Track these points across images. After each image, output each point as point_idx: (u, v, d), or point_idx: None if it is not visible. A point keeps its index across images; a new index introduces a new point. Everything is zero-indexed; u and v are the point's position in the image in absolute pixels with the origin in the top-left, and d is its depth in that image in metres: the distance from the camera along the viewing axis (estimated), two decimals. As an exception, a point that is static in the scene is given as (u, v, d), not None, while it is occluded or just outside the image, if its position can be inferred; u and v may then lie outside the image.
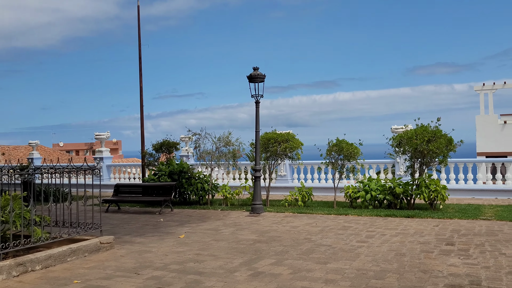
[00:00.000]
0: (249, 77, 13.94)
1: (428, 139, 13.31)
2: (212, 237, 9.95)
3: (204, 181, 16.63)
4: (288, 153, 15.51)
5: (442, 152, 13.31)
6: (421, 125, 13.80)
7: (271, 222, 12.04)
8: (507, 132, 31.16)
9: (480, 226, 10.63)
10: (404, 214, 12.39)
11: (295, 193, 15.20)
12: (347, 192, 14.53)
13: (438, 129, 13.61)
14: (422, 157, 13.64)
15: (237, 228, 11.10)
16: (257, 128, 14.15)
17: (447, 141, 13.46)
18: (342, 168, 14.91)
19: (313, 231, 10.53)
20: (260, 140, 15.54)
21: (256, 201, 13.83)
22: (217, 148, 16.63)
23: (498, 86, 31.59)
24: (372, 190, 14.06)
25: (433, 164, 13.86)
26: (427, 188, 13.36)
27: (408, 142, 13.54)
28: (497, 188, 15.71)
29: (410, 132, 13.65)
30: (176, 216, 13.69)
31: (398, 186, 13.80)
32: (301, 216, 12.90)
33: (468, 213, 12.42)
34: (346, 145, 14.56)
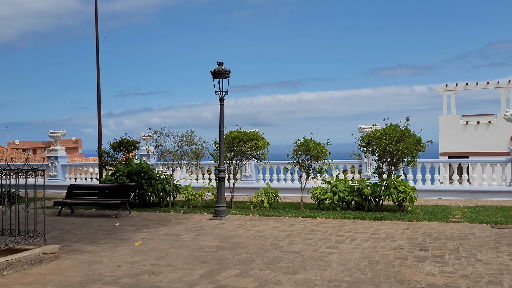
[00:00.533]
0: (213, 72, 13.20)
1: (397, 139, 12.96)
2: (171, 244, 9.17)
3: (165, 182, 15.78)
4: (254, 152, 14.87)
5: (411, 153, 12.98)
6: (390, 124, 13.45)
7: (235, 226, 11.36)
8: (468, 133, 31.63)
9: (451, 229, 10.30)
10: (373, 217, 11.97)
11: (260, 195, 14.58)
12: (314, 194, 14.02)
13: (407, 128, 13.28)
14: (391, 157, 13.28)
15: (199, 233, 10.36)
16: (221, 126, 13.44)
17: (416, 141, 13.15)
18: (310, 168, 14.40)
19: (280, 235, 9.92)
20: (225, 139, 14.85)
21: (220, 203, 13.11)
22: (179, 147, 15.82)
23: (461, 87, 32.03)
24: (340, 191, 13.60)
25: (402, 164, 13.54)
26: (396, 189, 13.01)
27: (377, 142, 13.16)
28: (463, 189, 15.59)
29: (379, 132, 13.26)
30: (134, 219, 12.81)
31: (366, 187, 13.39)
32: (267, 219, 12.28)
33: (437, 215, 12.13)
34: (314, 144, 14.06)
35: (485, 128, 31.25)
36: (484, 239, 9.15)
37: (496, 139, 30.70)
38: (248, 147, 14.54)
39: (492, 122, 31.10)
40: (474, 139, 31.31)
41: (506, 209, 13.04)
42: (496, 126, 30.91)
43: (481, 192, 15.37)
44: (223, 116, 13.43)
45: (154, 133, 15.94)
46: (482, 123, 31.33)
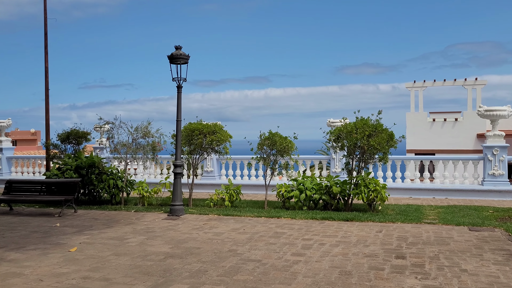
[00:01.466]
0: (170, 57, 11.92)
1: (369, 134, 12.06)
2: (113, 250, 7.92)
3: (117, 177, 14.40)
4: (215, 146, 13.69)
5: (383, 148, 12.11)
6: (361, 118, 12.54)
7: (191, 227, 10.18)
8: (435, 130, 31.40)
9: (427, 232, 9.45)
10: (342, 217, 11.03)
11: (221, 192, 13.43)
12: (279, 191, 12.98)
13: (379, 123, 12.40)
14: (361, 153, 12.38)
15: (148, 237, 9.12)
16: (178, 116, 12.18)
17: (389, 137, 12.29)
18: (275, 164, 13.35)
19: (240, 239, 8.81)
20: (183, 132, 13.62)
21: (176, 201, 11.89)
22: (134, 140, 14.49)
23: (428, 84, 31.75)
24: (307, 189, 12.62)
25: (373, 161, 12.66)
26: (366, 187, 12.12)
27: (347, 137, 12.22)
28: (434, 187, 14.90)
29: (349, 126, 12.33)
30: (78, 219, 11.43)
31: (335, 185, 12.46)
32: (227, 220, 11.15)
33: (410, 216, 11.30)
34: (280, 138, 13.01)
35: (452, 126, 31.09)
36: (465, 244, 8.31)
37: (462, 136, 30.59)
38: (209, 141, 13.35)
39: (458, 120, 30.96)
40: (441, 137, 31.11)
41: (480, 209, 12.37)
42: (462, 123, 30.79)
43: (453, 191, 14.72)
44: (180, 106, 12.19)
45: (106, 124, 14.54)
46: (449, 121, 31.16)
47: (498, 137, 14.54)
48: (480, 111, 14.71)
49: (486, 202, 13.81)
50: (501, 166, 14.41)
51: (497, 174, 14.39)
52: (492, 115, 14.47)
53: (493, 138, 14.59)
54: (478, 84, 30.73)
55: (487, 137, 14.76)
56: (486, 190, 14.39)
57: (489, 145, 14.52)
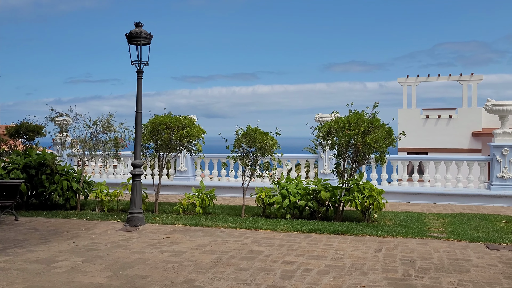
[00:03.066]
0: (128, 36, 9.95)
1: (364, 130, 10.24)
2: (27, 283, 5.96)
3: (73, 178, 12.41)
4: (185, 143, 11.77)
5: (380, 147, 10.29)
6: (355, 111, 10.71)
7: (147, 243, 8.26)
8: (428, 128, 29.79)
9: (437, 251, 7.66)
10: (332, 229, 9.20)
11: (191, 196, 11.53)
12: (259, 196, 11.11)
13: (376, 117, 10.58)
14: (355, 152, 10.56)
15: (86, 258, 7.19)
16: (138, 107, 10.22)
17: (387, 133, 10.49)
18: (254, 164, 11.49)
19: (203, 262, 6.93)
20: (148, 126, 11.69)
21: (134, 208, 9.96)
22: (93, 135, 12.51)
23: (422, 79, 30.10)
24: (291, 194, 10.76)
25: (368, 162, 10.86)
26: (360, 193, 10.31)
27: (338, 133, 10.39)
28: (435, 192, 13.15)
29: (341, 121, 10.49)
30: (14, 230, 9.44)
31: (324, 190, 10.62)
32: (194, 231, 9.26)
33: (412, 228, 9.52)
34: (260, 135, 11.14)
35: (446, 123, 29.50)
36: (488, 271, 6.52)
37: (457, 134, 29.01)
38: (177, 136, 11.42)
39: (453, 117, 29.38)
40: (435, 134, 29.51)
41: (491, 218, 10.64)
42: (457, 121, 29.21)
43: (456, 195, 12.98)
44: (141, 94, 10.22)
45: (59, 116, 12.53)
46: (443, 118, 29.57)
47: (509, 135, 12.83)
48: (488, 105, 12.98)
49: (495, 209, 12.10)
50: (511, 168, 12.70)
51: (506, 177, 12.69)
52: (502, 110, 12.75)
53: (503, 137, 12.87)
54: (474, 80, 29.17)
55: (495, 135, 13.04)
56: (494, 195, 12.68)
57: (498, 144, 12.80)
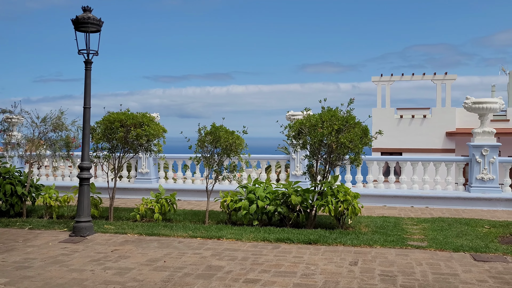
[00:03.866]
0: (75, 21, 8.80)
1: (338, 128, 9.37)
2: None
3: (18, 181, 11.17)
4: (144, 142, 10.68)
5: (356, 147, 9.44)
6: (329, 109, 9.84)
7: (91, 258, 7.17)
8: (402, 127, 29.37)
9: (420, 263, 6.83)
10: (303, 238, 8.29)
11: (150, 201, 10.45)
12: (224, 202, 10.12)
13: (351, 115, 9.73)
14: (328, 153, 9.68)
15: (10, 279, 6.05)
16: (86, 102, 9.07)
17: (363, 132, 9.66)
18: (220, 165, 10.49)
19: (151, 282, 5.90)
20: (101, 124, 10.56)
21: (82, 216, 8.83)
22: (42, 134, 11.29)
23: (396, 78, 29.67)
24: (259, 198, 9.81)
25: (342, 163, 10.00)
26: (334, 197, 9.45)
27: (310, 132, 9.48)
28: (412, 194, 12.42)
29: (313, 118, 9.59)
30: None
31: (295, 194, 9.71)
32: (149, 242, 8.20)
33: (390, 235, 8.70)
34: (225, 133, 10.15)
35: (420, 123, 29.14)
36: (479, 288, 5.71)
37: (431, 134, 28.67)
38: (133, 135, 10.32)
39: (427, 117, 29.03)
40: (409, 134, 29.11)
41: (472, 223, 9.93)
42: (431, 121, 28.88)
43: (434, 198, 12.28)
44: (90, 88, 9.08)
45: (1, 112, 11.26)
46: (417, 118, 29.20)
47: (488, 134, 12.20)
48: (467, 103, 12.32)
49: (475, 213, 11.44)
50: (491, 169, 12.07)
51: (486, 179, 12.05)
52: (482, 108, 12.11)
53: (482, 136, 12.24)
54: (448, 79, 28.89)
55: (474, 134, 12.40)
56: (473, 198, 12.03)
57: (477, 144, 12.16)
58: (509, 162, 12.27)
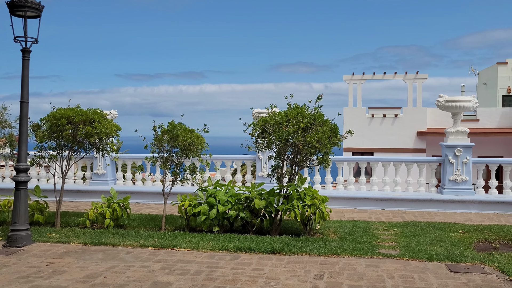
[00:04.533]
0: (10, 4, 7.80)
1: (305, 127, 8.67)
2: None
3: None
4: (95, 141, 9.75)
5: (324, 147, 8.75)
6: (295, 105, 9.12)
7: (19, 274, 6.24)
8: (374, 127, 29.04)
9: (391, 276, 6.17)
10: (266, 247, 7.55)
11: (101, 206, 9.53)
12: (181, 206, 9.29)
13: (319, 112, 9.04)
14: (295, 153, 8.97)
15: None
16: (23, 96, 8.06)
17: (331, 131, 8.98)
18: (178, 166, 9.66)
19: (83, 305, 5.04)
20: (46, 121, 9.58)
21: (17, 224, 7.85)
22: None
23: (367, 77, 29.32)
24: (219, 202, 9.03)
25: (310, 164, 9.30)
26: (300, 200, 8.75)
27: (275, 130, 8.75)
28: (383, 196, 11.85)
29: (279, 116, 8.86)
30: None
31: (258, 198, 8.96)
32: (92, 253, 7.31)
33: (360, 242, 8.05)
34: (184, 131, 9.33)
35: (391, 123, 28.87)
36: (458, 307, 5.07)
37: (402, 134, 28.42)
38: (82, 133, 9.37)
39: (398, 116, 28.78)
40: (380, 134, 28.80)
41: (446, 228, 9.39)
42: (402, 120, 28.63)
43: (406, 200, 11.75)
44: (27, 79, 8.09)
45: None
46: (388, 117, 28.92)
47: (462, 134, 11.73)
48: (440, 101, 11.82)
49: (448, 216, 10.94)
50: (464, 170, 11.60)
51: (459, 181, 11.58)
52: (455, 107, 11.63)
53: (455, 136, 11.76)
54: (419, 79, 28.70)
55: (447, 134, 11.91)
56: (446, 200, 11.54)
57: (450, 144, 11.67)
58: (482, 163, 11.84)
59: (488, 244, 8.35)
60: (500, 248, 7.99)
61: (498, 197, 11.39)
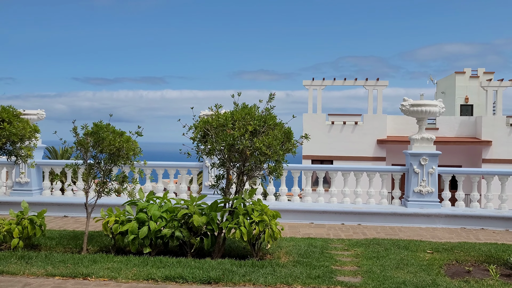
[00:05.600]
0: None
1: (253, 130, 7.39)
2: None
3: None
4: (3, 144, 8.12)
5: (275, 154, 7.48)
6: (244, 105, 7.83)
7: None
8: (334, 134, 28.22)
9: (353, 316, 4.93)
10: (201, 276, 6.18)
11: (8, 222, 7.89)
12: (106, 223, 7.78)
13: (271, 114, 7.78)
14: (242, 160, 7.67)
15: None
16: None
17: (284, 136, 7.74)
18: (106, 175, 8.17)
19: None
20: None
21: None
22: None
23: (328, 83, 28.50)
24: (152, 218, 7.59)
25: (260, 174, 8.01)
26: (247, 216, 7.45)
27: (218, 134, 7.41)
28: (343, 210, 10.71)
29: (222, 117, 7.53)
30: None
31: (198, 213, 7.59)
32: (-22, 287, 5.73)
33: (315, 266, 6.82)
34: (113, 134, 7.87)
35: (351, 130, 28.13)
36: None
37: (362, 142, 27.71)
38: (-16, 134, 7.74)
39: (358, 124, 28.07)
40: (340, 141, 27.99)
41: (412, 246, 8.31)
42: (362, 128, 27.95)
43: (368, 214, 10.65)
44: None
45: None
46: (349, 124, 28.18)
47: (427, 141, 10.77)
48: (405, 105, 10.83)
49: (413, 231, 9.90)
50: (430, 180, 10.63)
51: (424, 192, 10.59)
52: (421, 112, 10.66)
53: (421, 143, 10.79)
54: (379, 85, 28.13)
55: (412, 141, 10.93)
56: (411, 213, 10.51)
57: (415, 152, 10.68)
58: (449, 173, 10.91)
59: (460, 267, 7.31)
60: (474, 272, 6.96)
61: (466, 211, 10.47)
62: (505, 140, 26.84)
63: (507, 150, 26.73)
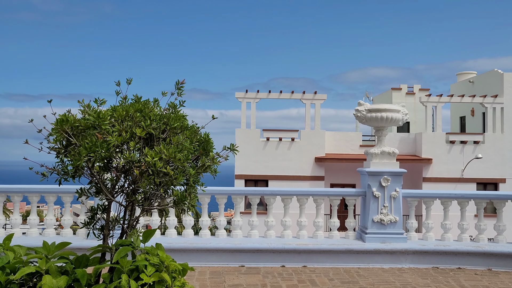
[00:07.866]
0: None
1: (147, 135, 4.58)
2: None
3: None
4: None
5: (184, 174, 4.70)
6: (135, 98, 5.00)
7: None
8: (269, 151, 25.90)
9: None
10: None
11: None
12: None
13: (178, 111, 5.02)
14: (131, 183, 4.82)
15: None
16: None
17: (200, 145, 5.01)
18: None
19: None
20: None
21: None
22: None
23: (263, 95, 26.26)
24: (-25, 282, 4.49)
25: (161, 205, 5.18)
26: (136, 274, 4.58)
27: (84, 141, 4.51)
28: (285, 247, 8.07)
29: (94, 114, 4.63)
30: None
31: (55, 272, 4.59)
32: None
33: None
34: None
35: (288, 147, 25.96)
36: None
37: (299, 160, 25.60)
38: None
39: (295, 140, 25.97)
40: (275, 160, 25.71)
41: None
42: (299, 144, 25.87)
43: (315, 252, 8.09)
44: None
45: None
46: (285, 141, 26.00)
47: (389, 156, 8.45)
48: (361, 111, 8.49)
49: (375, 275, 7.44)
50: (393, 206, 8.29)
51: (386, 222, 8.23)
52: (380, 119, 8.34)
53: (381, 159, 8.45)
54: (317, 99, 26.30)
55: (369, 156, 8.58)
56: (370, 250, 8.08)
57: (374, 170, 8.31)
58: (415, 197, 8.63)
59: None
60: None
61: (438, 245, 8.20)
62: (445, 158, 25.82)
63: (447, 168, 25.69)
